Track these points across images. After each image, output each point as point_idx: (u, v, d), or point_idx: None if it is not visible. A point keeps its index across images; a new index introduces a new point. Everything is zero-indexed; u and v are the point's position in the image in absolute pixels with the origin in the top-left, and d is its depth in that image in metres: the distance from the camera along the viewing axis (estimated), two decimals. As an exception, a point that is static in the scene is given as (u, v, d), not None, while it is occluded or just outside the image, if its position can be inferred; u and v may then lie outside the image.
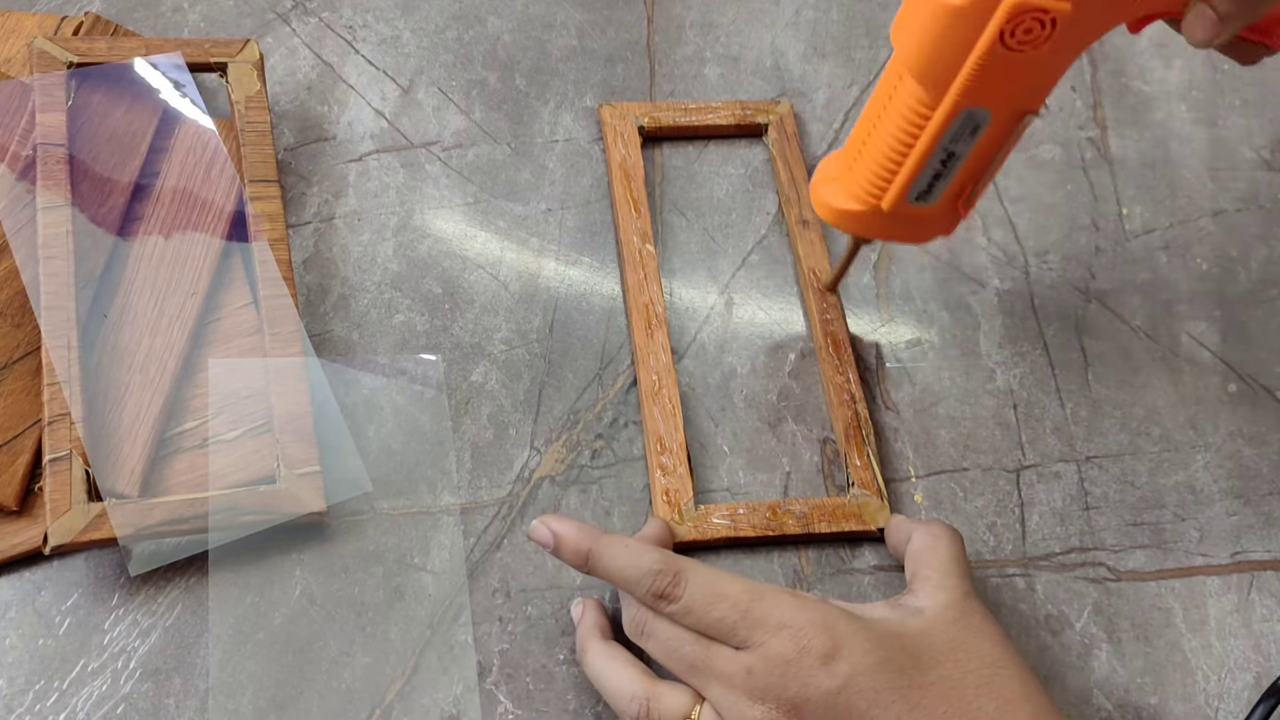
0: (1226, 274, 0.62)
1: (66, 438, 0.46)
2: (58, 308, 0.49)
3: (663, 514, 0.50)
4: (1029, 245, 0.62)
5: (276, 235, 0.54)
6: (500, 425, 0.53)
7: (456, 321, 0.56)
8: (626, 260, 0.57)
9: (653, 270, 0.57)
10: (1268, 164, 0.66)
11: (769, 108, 0.64)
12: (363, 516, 0.50)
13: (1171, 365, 0.58)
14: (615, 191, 0.60)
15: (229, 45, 0.59)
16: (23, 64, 0.59)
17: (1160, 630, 0.51)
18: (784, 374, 0.56)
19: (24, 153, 0.53)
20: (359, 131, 0.62)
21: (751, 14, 0.70)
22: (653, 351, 0.54)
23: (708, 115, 0.63)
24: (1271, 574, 0.53)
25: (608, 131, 0.62)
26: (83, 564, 0.48)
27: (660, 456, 0.52)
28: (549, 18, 0.68)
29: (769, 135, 0.63)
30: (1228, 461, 0.56)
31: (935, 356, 0.58)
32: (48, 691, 0.45)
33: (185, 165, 0.56)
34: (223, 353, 0.52)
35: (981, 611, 0.44)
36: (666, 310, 0.56)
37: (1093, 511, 0.54)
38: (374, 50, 0.65)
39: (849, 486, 0.52)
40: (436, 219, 0.59)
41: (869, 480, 0.52)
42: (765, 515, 0.51)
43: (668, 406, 0.53)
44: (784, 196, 0.61)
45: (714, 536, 0.50)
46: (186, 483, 0.48)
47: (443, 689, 0.47)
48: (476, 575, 0.50)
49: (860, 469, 0.52)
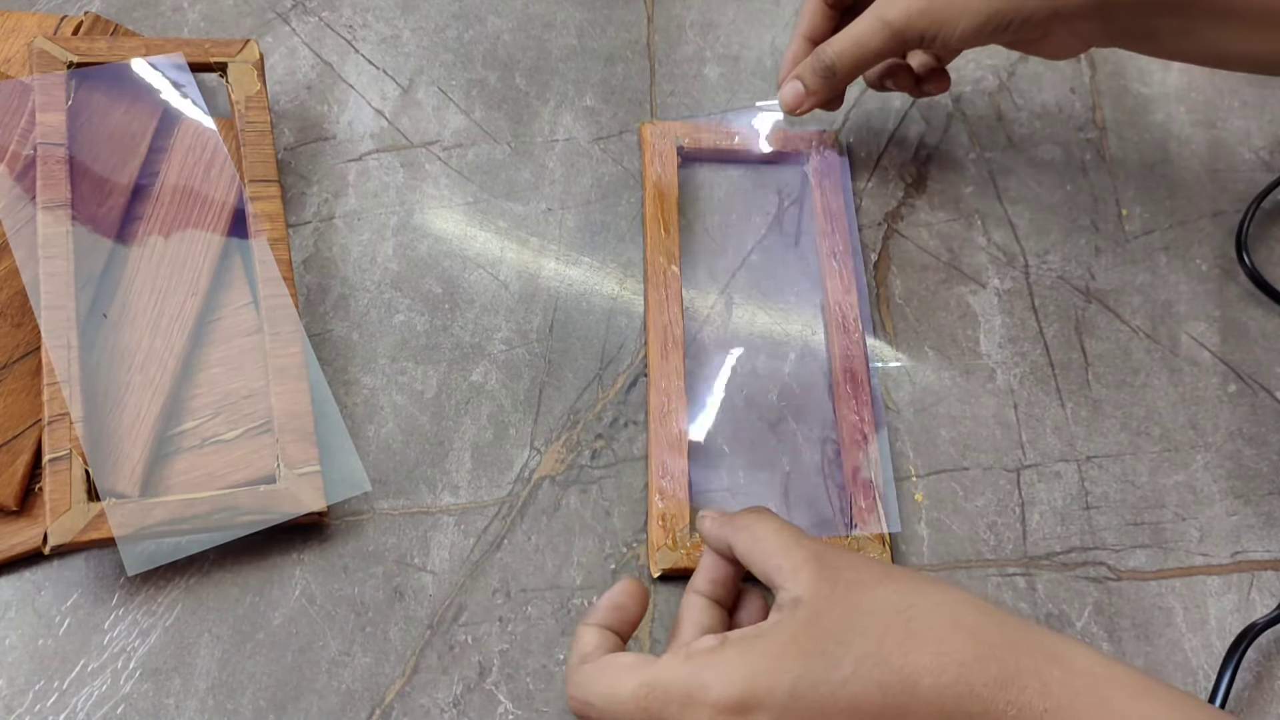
0: (1226, 274, 0.62)
1: (66, 438, 0.46)
2: (58, 308, 0.49)
3: (657, 538, 0.50)
4: (1029, 245, 0.62)
5: (276, 235, 0.54)
6: (500, 425, 0.53)
7: (456, 321, 0.56)
8: (650, 279, 0.57)
9: (675, 292, 0.57)
10: (1267, 165, 0.66)
11: (810, 137, 0.63)
12: (363, 516, 0.50)
13: (1171, 365, 0.59)
14: (647, 209, 0.59)
15: (229, 45, 0.59)
16: (23, 64, 0.59)
17: (1161, 630, 0.51)
18: (784, 374, 0.56)
19: (24, 153, 0.53)
20: (359, 131, 0.62)
21: (751, 14, 0.70)
22: (666, 374, 0.54)
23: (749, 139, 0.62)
24: (1271, 574, 0.53)
25: (646, 149, 0.61)
26: (83, 564, 0.48)
27: (661, 480, 0.51)
28: (549, 17, 0.68)
29: (809, 163, 0.62)
30: (1228, 461, 0.56)
31: (935, 356, 0.58)
32: (48, 691, 0.45)
33: (185, 165, 0.56)
34: (223, 353, 0.52)
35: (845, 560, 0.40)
36: (684, 333, 0.56)
37: (1093, 511, 0.54)
38: (374, 50, 0.65)
39: (850, 527, 0.51)
40: (436, 219, 0.59)
41: (873, 523, 0.51)
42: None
43: (674, 432, 0.52)
44: (819, 228, 0.60)
45: None
46: (186, 483, 0.48)
47: (443, 689, 0.47)
48: (476, 575, 0.49)
49: (864, 510, 0.52)
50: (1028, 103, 0.67)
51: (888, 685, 0.36)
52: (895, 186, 0.63)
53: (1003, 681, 0.35)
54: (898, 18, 0.52)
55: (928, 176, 0.64)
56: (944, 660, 0.36)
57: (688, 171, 0.62)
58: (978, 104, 0.67)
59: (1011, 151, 0.65)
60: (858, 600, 0.38)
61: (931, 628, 0.37)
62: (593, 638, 0.41)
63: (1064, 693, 0.35)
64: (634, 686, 0.38)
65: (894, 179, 0.63)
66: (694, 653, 0.38)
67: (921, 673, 0.36)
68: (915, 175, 0.64)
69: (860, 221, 0.62)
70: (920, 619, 0.37)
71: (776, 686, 0.36)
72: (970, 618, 0.37)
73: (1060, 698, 0.35)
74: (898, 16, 0.52)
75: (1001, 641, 0.37)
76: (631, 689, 0.38)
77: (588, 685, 0.39)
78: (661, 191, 0.60)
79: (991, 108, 0.67)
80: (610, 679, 0.38)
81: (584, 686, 0.39)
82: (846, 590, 0.38)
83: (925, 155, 0.65)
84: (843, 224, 0.60)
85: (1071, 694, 0.35)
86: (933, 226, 0.62)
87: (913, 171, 0.64)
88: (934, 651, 0.36)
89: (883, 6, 0.53)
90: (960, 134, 0.66)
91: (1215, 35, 0.51)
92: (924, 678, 0.36)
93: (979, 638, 0.37)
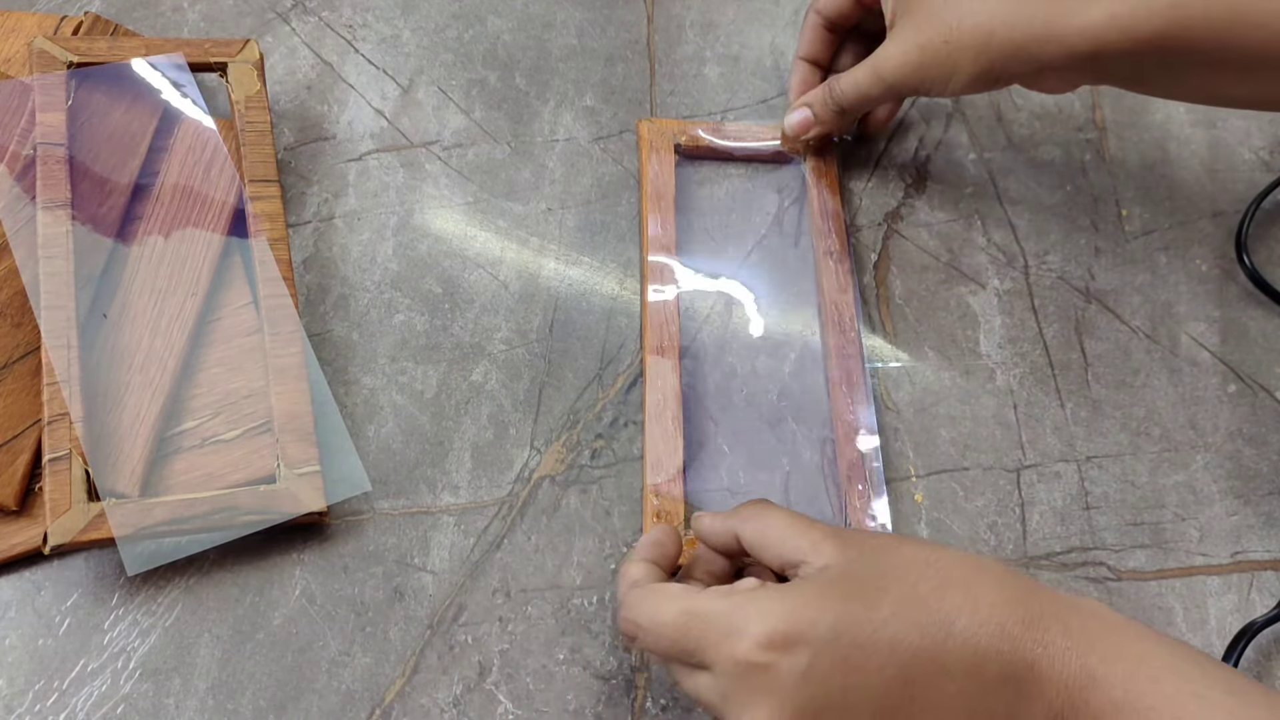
0: (1226, 274, 0.62)
1: (66, 438, 0.46)
2: (58, 308, 0.49)
3: None
4: (1029, 245, 0.62)
5: (276, 235, 0.54)
6: (500, 425, 0.53)
7: (456, 321, 0.56)
8: (647, 278, 0.57)
9: (672, 292, 0.57)
10: (1266, 165, 0.66)
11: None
12: (363, 516, 0.50)
13: (1171, 365, 0.59)
14: (645, 208, 0.59)
15: (229, 45, 0.59)
16: (23, 64, 0.59)
17: (1161, 629, 0.51)
18: (784, 374, 0.56)
19: (24, 153, 0.53)
20: (359, 131, 0.62)
21: (751, 14, 0.70)
22: (661, 373, 0.54)
23: (748, 138, 0.63)
24: (1271, 574, 0.53)
25: (644, 147, 0.61)
26: (83, 564, 0.48)
27: (656, 478, 0.51)
28: (549, 17, 0.68)
29: (806, 163, 0.62)
30: (1228, 461, 0.56)
31: (935, 356, 0.58)
32: (48, 691, 0.45)
33: (185, 165, 0.56)
34: (223, 353, 0.52)
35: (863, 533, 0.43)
36: (680, 332, 0.56)
37: (1093, 511, 0.54)
38: (374, 49, 0.65)
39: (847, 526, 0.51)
40: (436, 218, 0.59)
41: (863, 524, 0.51)
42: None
43: (669, 429, 0.53)
44: (815, 228, 0.60)
45: None
46: (186, 483, 0.48)
47: (443, 689, 0.47)
48: (476, 575, 0.49)
49: (858, 510, 0.52)
50: (1027, 103, 0.67)
51: (925, 625, 0.38)
52: (895, 186, 0.63)
53: (1029, 621, 0.38)
54: (892, 75, 0.55)
55: (928, 176, 0.64)
56: (976, 601, 0.38)
57: (687, 170, 0.62)
58: (978, 104, 0.67)
59: (1011, 151, 0.65)
60: (886, 557, 0.40)
61: (961, 574, 0.39)
62: (640, 568, 0.43)
63: (1083, 632, 0.38)
64: (677, 611, 0.40)
65: (894, 179, 0.63)
66: (736, 589, 0.40)
67: (956, 613, 0.38)
68: (915, 175, 0.64)
69: (860, 221, 0.62)
70: (948, 568, 0.39)
71: (819, 621, 0.38)
72: (993, 569, 0.40)
73: (1080, 636, 0.38)
74: (892, 73, 0.55)
75: (1023, 587, 0.39)
76: (674, 613, 0.40)
77: (638, 606, 0.41)
78: (659, 190, 0.60)
79: (991, 108, 0.67)
80: (655, 602, 0.41)
81: (634, 608, 0.41)
82: (873, 552, 0.40)
83: (925, 155, 0.65)
84: (840, 224, 0.60)
85: (1090, 633, 0.38)
86: (933, 226, 0.62)
87: (913, 171, 0.64)
88: (965, 594, 0.38)
89: (880, 61, 0.56)
90: (960, 134, 0.66)
91: (1206, 81, 0.52)
92: (959, 618, 0.38)
93: (1004, 583, 0.39)
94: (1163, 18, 0.49)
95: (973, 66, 0.53)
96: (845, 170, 0.63)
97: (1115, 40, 0.50)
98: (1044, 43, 0.51)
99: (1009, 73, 0.53)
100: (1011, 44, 0.52)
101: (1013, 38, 0.51)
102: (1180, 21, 0.49)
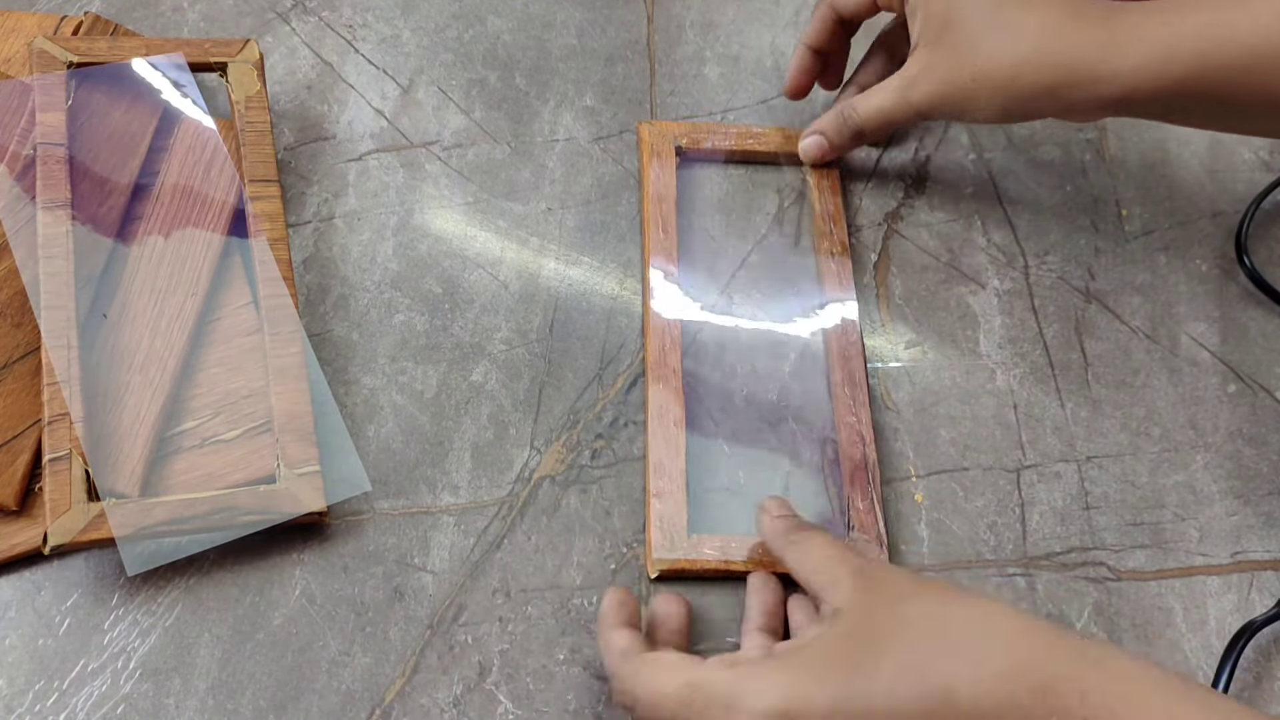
0: (1226, 274, 0.62)
1: (66, 438, 0.46)
2: (58, 308, 0.49)
3: (655, 539, 0.50)
4: (1029, 245, 0.62)
5: (276, 235, 0.54)
6: (500, 425, 0.53)
7: (456, 321, 0.56)
8: (648, 279, 0.57)
9: (673, 292, 0.57)
10: (1266, 165, 0.66)
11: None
12: (363, 516, 0.50)
13: (1171, 365, 0.59)
14: (646, 210, 0.59)
15: (229, 45, 0.59)
16: (23, 64, 0.59)
17: (1161, 630, 0.51)
18: (784, 374, 0.56)
19: (24, 153, 0.53)
20: (359, 131, 0.62)
21: (751, 14, 0.70)
22: (663, 376, 0.54)
23: (749, 140, 0.63)
24: (1271, 574, 0.53)
25: (644, 149, 0.61)
26: (83, 564, 0.48)
27: (658, 481, 0.51)
28: (549, 17, 0.68)
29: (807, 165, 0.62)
30: (1228, 461, 0.56)
31: (935, 356, 0.58)
32: (48, 691, 0.45)
33: (185, 165, 0.56)
34: (223, 353, 0.52)
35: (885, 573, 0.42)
36: (682, 334, 0.56)
37: (1093, 511, 0.54)
38: (374, 49, 0.65)
39: (849, 530, 0.51)
40: (436, 219, 0.59)
41: (870, 525, 0.51)
42: (757, 547, 0.50)
43: (671, 431, 0.52)
44: (815, 228, 0.60)
45: (704, 567, 0.49)
46: (186, 483, 0.48)
47: (443, 689, 0.47)
48: (476, 575, 0.49)
49: (862, 513, 0.52)
50: (1028, 103, 0.67)
51: (925, 695, 0.36)
52: (895, 187, 0.63)
53: (1041, 689, 0.36)
54: (921, 102, 0.56)
55: (928, 177, 0.64)
56: (980, 670, 0.36)
57: (687, 171, 0.62)
58: (978, 104, 0.67)
59: (1011, 152, 0.65)
60: (895, 611, 0.39)
61: (968, 636, 0.37)
62: (624, 636, 0.43)
63: (1102, 700, 0.35)
64: (679, 685, 0.40)
65: (894, 179, 0.63)
66: (738, 660, 0.40)
67: (959, 682, 0.36)
68: (915, 175, 0.64)
69: (860, 221, 0.62)
70: (957, 628, 0.38)
71: (817, 698, 0.37)
72: (1006, 626, 0.38)
73: (1098, 705, 0.35)
74: (921, 101, 0.56)
75: (1038, 649, 0.37)
76: (676, 686, 0.40)
77: (634, 678, 0.41)
78: (660, 193, 0.60)
79: (991, 108, 0.67)
80: (652, 674, 0.41)
81: (630, 679, 0.41)
82: (884, 602, 0.40)
83: (925, 155, 0.65)
84: (840, 224, 0.60)
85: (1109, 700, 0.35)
86: (933, 227, 0.62)
87: (913, 172, 0.64)
88: (970, 660, 0.36)
89: (908, 86, 0.56)
90: (960, 134, 0.66)
91: (1228, 119, 0.54)
92: (962, 687, 0.36)
93: (1015, 646, 0.37)
94: (1187, 65, 0.50)
95: (999, 104, 0.54)
96: (845, 170, 0.63)
97: (1144, 86, 0.51)
98: (1072, 88, 0.52)
99: (1036, 110, 0.55)
100: (1039, 86, 0.52)
101: (1040, 80, 0.52)
102: (1205, 68, 0.50)
